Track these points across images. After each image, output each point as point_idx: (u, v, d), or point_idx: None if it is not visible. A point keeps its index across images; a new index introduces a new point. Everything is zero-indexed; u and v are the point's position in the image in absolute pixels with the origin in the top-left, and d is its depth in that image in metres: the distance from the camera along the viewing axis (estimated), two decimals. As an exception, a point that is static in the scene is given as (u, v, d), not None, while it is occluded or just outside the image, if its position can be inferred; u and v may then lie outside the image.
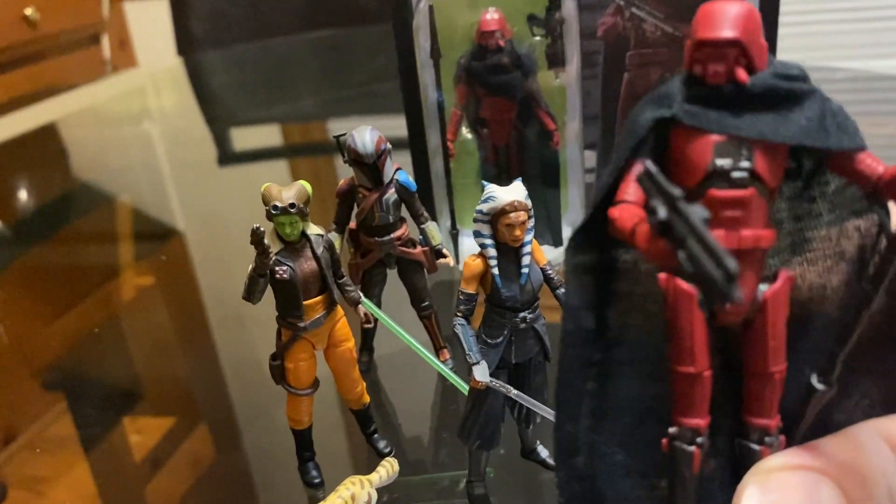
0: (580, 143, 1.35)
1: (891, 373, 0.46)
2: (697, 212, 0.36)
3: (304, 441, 0.99)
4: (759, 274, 0.45)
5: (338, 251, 0.96)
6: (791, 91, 0.43)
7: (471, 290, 0.84)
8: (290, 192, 0.87)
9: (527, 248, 0.82)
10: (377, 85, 2.72)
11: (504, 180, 0.83)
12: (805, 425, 0.46)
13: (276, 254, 0.87)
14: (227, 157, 2.57)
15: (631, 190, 0.44)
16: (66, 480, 1.08)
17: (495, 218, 0.81)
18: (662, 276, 0.44)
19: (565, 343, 0.46)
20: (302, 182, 0.89)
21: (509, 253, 0.82)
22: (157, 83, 3.65)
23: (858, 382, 0.46)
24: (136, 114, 3.18)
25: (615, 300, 0.47)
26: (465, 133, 1.36)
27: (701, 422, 0.44)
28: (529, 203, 0.81)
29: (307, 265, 0.90)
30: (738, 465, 0.47)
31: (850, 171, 0.44)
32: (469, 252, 1.53)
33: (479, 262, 0.83)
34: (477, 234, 0.83)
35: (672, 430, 0.45)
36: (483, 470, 0.92)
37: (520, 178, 0.82)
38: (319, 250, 0.91)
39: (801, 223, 0.47)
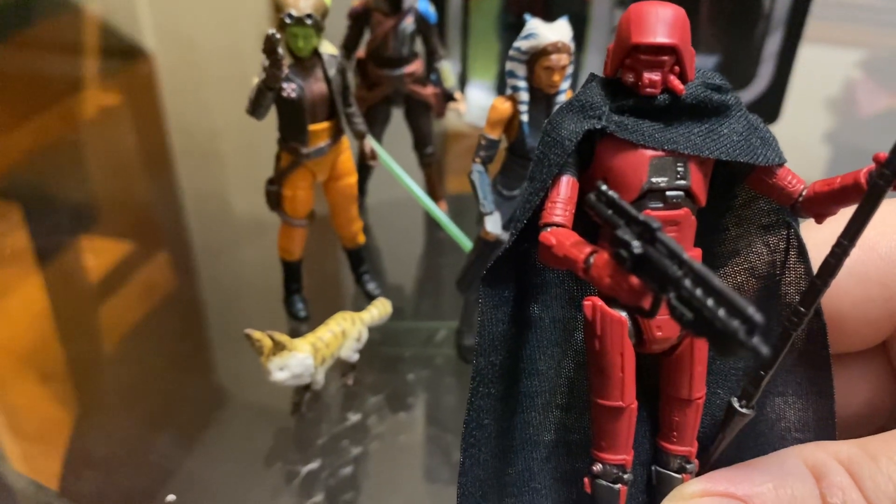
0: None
1: (806, 395, 0.44)
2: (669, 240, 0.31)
3: (292, 273, 0.96)
4: None
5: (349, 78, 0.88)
6: (721, 103, 0.40)
7: (494, 135, 0.78)
8: (307, 0, 0.78)
9: (561, 97, 0.76)
10: None
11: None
12: (720, 448, 0.44)
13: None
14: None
15: (559, 211, 0.40)
16: (18, 293, 1.04)
17: (534, 58, 0.73)
18: (588, 303, 0.40)
19: (476, 381, 0.43)
20: (321, -10, 0.80)
21: (542, 100, 0.76)
22: None
23: (774, 405, 0.45)
24: None
25: (526, 329, 0.45)
26: (491, -32, 1.24)
27: (627, 457, 0.42)
28: (573, 46, 0.74)
29: (316, 87, 0.82)
30: (654, 492, 0.45)
31: (770, 185, 0.41)
32: (475, 105, 1.46)
33: (507, 105, 0.77)
34: (510, 75, 0.76)
35: (596, 468, 0.42)
36: (475, 322, 0.91)
37: (566, 17, 0.74)
38: (331, 72, 0.83)
39: (708, 238, 0.44)
